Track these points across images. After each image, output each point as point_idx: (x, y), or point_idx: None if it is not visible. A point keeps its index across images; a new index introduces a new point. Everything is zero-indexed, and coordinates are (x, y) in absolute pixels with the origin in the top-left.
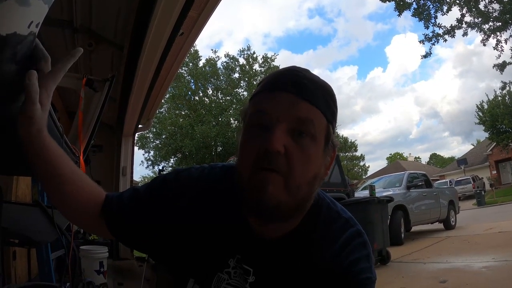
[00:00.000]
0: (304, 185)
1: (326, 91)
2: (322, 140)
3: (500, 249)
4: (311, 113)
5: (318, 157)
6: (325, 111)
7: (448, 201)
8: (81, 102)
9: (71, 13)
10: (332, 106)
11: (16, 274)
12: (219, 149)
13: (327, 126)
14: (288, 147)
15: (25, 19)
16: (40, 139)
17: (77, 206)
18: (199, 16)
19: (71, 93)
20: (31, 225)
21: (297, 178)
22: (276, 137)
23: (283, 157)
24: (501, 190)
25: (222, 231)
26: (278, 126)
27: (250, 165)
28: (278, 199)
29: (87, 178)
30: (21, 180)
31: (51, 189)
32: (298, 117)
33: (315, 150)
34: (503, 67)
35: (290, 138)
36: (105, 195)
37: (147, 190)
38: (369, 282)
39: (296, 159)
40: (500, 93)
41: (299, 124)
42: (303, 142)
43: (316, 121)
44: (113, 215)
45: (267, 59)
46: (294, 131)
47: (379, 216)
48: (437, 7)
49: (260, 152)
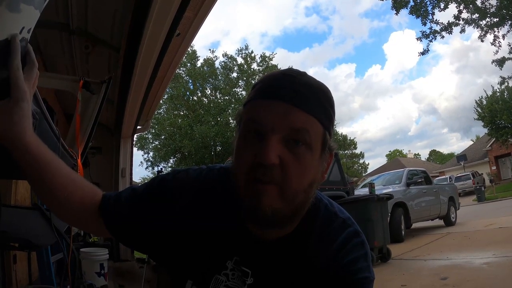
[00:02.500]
0: (300, 193)
1: (323, 96)
2: (319, 147)
3: (500, 245)
4: (306, 122)
5: (314, 165)
6: (321, 118)
7: (448, 197)
8: (78, 104)
9: (67, 15)
10: (329, 110)
11: (16, 278)
12: (218, 149)
13: (323, 133)
14: (283, 157)
15: (17, 25)
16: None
17: (71, 208)
18: (196, 17)
19: (69, 96)
20: (31, 228)
21: (293, 188)
22: (270, 149)
23: (278, 168)
24: (501, 185)
25: (220, 233)
26: (272, 137)
27: (245, 174)
28: (273, 208)
29: (81, 180)
30: (20, 183)
31: (43, 194)
32: (293, 127)
33: (311, 159)
34: (502, 63)
35: (285, 148)
36: (102, 195)
37: (145, 190)
38: (367, 282)
39: (292, 169)
40: (499, 89)
41: (294, 134)
42: (298, 151)
43: (312, 130)
44: (111, 214)
45: (265, 58)
46: (289, 140)
47: (379, 214)
48: (434, 4)
49: (254, 163)
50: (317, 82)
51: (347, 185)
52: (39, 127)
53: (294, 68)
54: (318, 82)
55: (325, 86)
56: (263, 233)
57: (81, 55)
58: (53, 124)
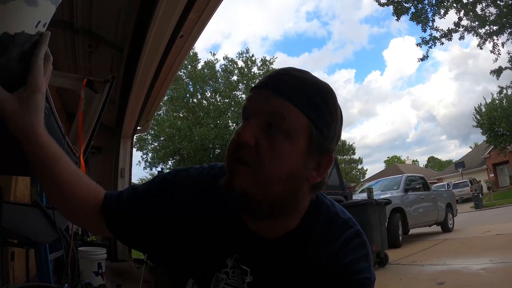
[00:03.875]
0: (274, 180)
1: (313, 90)
2: (303, 139)
3: (497, 251)
4: (283, 108)
5: (294, 155)
6: (304, 109)
7: (445, 203)
8: (81, 103)
9: (72, 14)
10: (319, 104)
11: (14, 275)
12: (217, 152)
13: (307, 125)
14: (258, 140)
15: (33, 19)
16: (33, 140)
17: (76, 206)
18: (199, 19)
19: (70, 94)
20: (30, 225)
21: (265, 171)
22: (245, 129)
23: (253, 149)
24: (498, 193)
25: (220, 231)
26: (252, 120)
27: (228, 156)
28: (243, 189)
29: (86, 178)
30: (20, 180)
31: (50, 189)
32: (270, 112)
33: (289, 148)
34: (499, 73)
35: (263, 133)
36: (104, 194)
37: (147, 189)
38: (368, 282)
39: (264, 152)
40: (498, 96)
41: (270, 118)
42: (274, 136)
43: (290, 118)
44: (112, 213)
45: (265, 62)
46: (267, 125)
47: (377, 219)
48: (434, 11)
49: (233, 143)
50: (314, 78)
51: (346, 190)
52: (47, 122)
53: (297, 68)
54: (315, 79)
55: (324, 85)
56: (262, 229)
57: (84, 54)
58: (59, 121)
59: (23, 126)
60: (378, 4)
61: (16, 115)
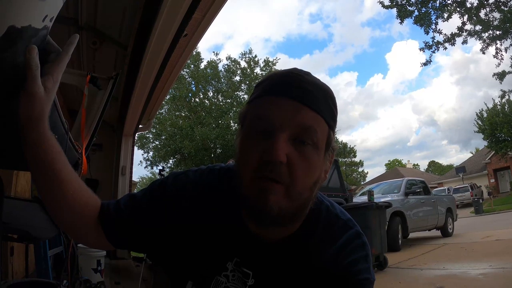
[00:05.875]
0: (305, 191)
1: (328, 95)
2: (324, 146)
3: (497, 256)
4: (314, 121)
5: (319, 164)
6: (327, 118)
7: (446, 208)
8: (85, 99)
9: (77, 11)
10: (333, 109)
11: (13, 270)
12: (218, 151)
13: (328, 133)
14: (290, 156)
15: (41, 13)
16: (40, 128)
17: (74, 209)
18: (203, 18)
19: (73, 91)
20: (31, 221)
21: (299, 186)
22: (279, 147)
23: (285, 167)
24: (499, 198)
25: (220, 234)
26: (280, 135)
27: (251, 172)
28: (279, 207)
29: (83, 183)
30: (21, 175)
31: (47, 187)
32: (302, 126)
33: (317, 159)
34: (502, 76)
35: (292, 147)
36: (100, 203)
37: (145, 194)
38: (367, 283)
39: (298, 169)
40: (500, 102)
41: (302, 133)
42: (305, 150)
43: (319, 129)
44: (111, 221)
45: (268, 63)
46: (296, 139)
47: (377, 222)
48: (438, 14)
49: (262, 161)
50: (322, 82)
51: (346, 192)
52: (50, 117)
53: (299, 68)
54: (322, 82)
55: (328, 87)
56: (265, 233)
57: (88, 51)
58: (62, 117)
59: (41, 112)
60: (382, 6)
61: (42, 102)
